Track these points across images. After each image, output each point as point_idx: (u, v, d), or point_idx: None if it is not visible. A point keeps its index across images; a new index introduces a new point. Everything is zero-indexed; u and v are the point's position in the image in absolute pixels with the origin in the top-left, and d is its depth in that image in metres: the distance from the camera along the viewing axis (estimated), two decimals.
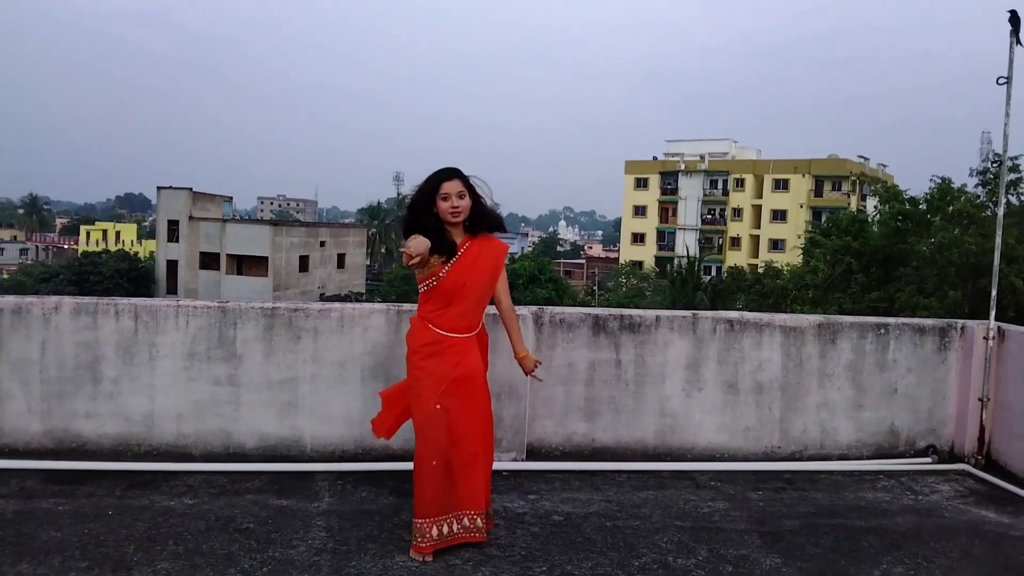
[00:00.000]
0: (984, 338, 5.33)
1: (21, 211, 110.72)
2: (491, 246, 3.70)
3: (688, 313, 5.30)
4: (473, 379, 3.61)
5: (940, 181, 24.24)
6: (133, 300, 4.90)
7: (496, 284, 3.72)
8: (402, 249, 3.52)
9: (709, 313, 5.39)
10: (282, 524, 3.84)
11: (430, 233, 3.50)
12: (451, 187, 3.56)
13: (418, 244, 3.37)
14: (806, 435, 5.32)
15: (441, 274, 3.57)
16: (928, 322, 5.55)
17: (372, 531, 3.80)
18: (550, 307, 5.24)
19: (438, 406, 3.50)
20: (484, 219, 3.68)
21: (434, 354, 3.56)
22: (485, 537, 3.62)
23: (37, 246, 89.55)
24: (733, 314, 5.41)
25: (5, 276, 64.47)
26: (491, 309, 3.90)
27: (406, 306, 4.99)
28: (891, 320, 5.51)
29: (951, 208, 23.21)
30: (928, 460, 5.35)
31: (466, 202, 3.58)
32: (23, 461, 4.57)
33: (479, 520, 3.58)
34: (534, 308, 5.12)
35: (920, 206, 24.50)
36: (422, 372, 3.56)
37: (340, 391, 4.90)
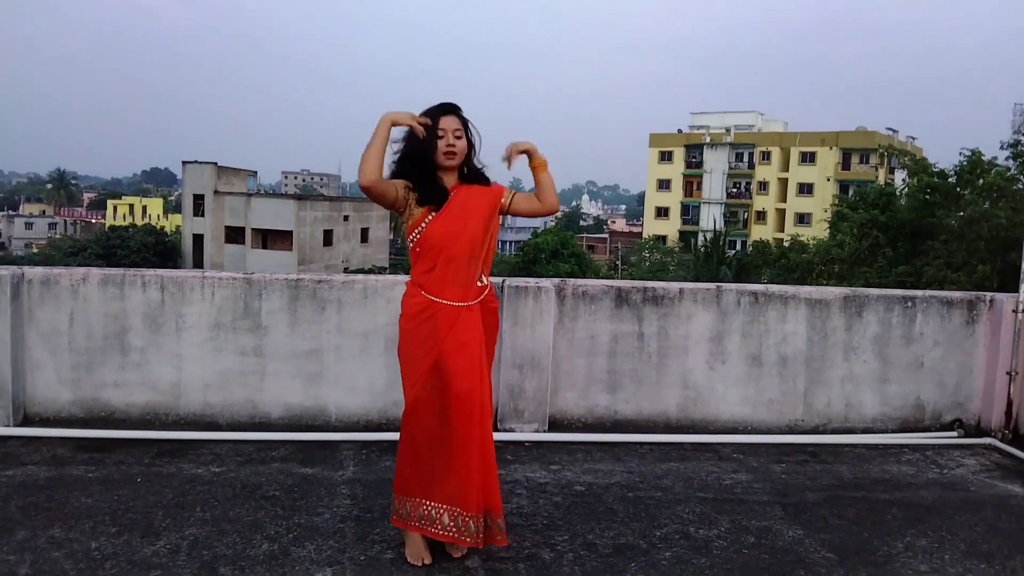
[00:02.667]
0: (1013, 311, 5.25)
1: (49, 186, 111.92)
2: (481, 190, 3.20)
3: (712, 286, 5.27)
4: (468, 357, 3.07)
5: (971, 154, 23.84)
6: (159, 271, 4.96)
7: (492, 224, 3.20)
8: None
9: (733, 286, 5.35)
10: (307, 492, 3.89)
11: (426, 182, 3.11)
12: (448, 123, 3.10)
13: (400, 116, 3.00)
14: (830, 408, 5.29)
15: (424, 223, 3.12)
16: (956, 295, 5.48)
17: None
18: (572, 279, 5.23)
19: (428, 387, 3.08)
20: (477, 174, 3.24)
21: (424, 323, 3.10)
22: (477, 543, 3.09)
23: (65, 220, 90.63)
24: (758, 287, 5.37)
25: (35, 250, 65.40)
26: (512, 282, 3.87)
27: None
28: (918, 293, 5.45)
29: (981, 181, 22.83)
30: (954, 434, 5.31)
31: (463, 143, 3.12)
32: (54, 429, 4.66)
33: (471, 522, 3.06)
34: (556, 280, 5.11)
35: (949, 179, 24.13)
36: (411, 347, 3.12)
37: (364, 362, 4.94)
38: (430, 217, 3.12)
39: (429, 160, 3.11)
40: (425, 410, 3.10)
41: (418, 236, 3.14)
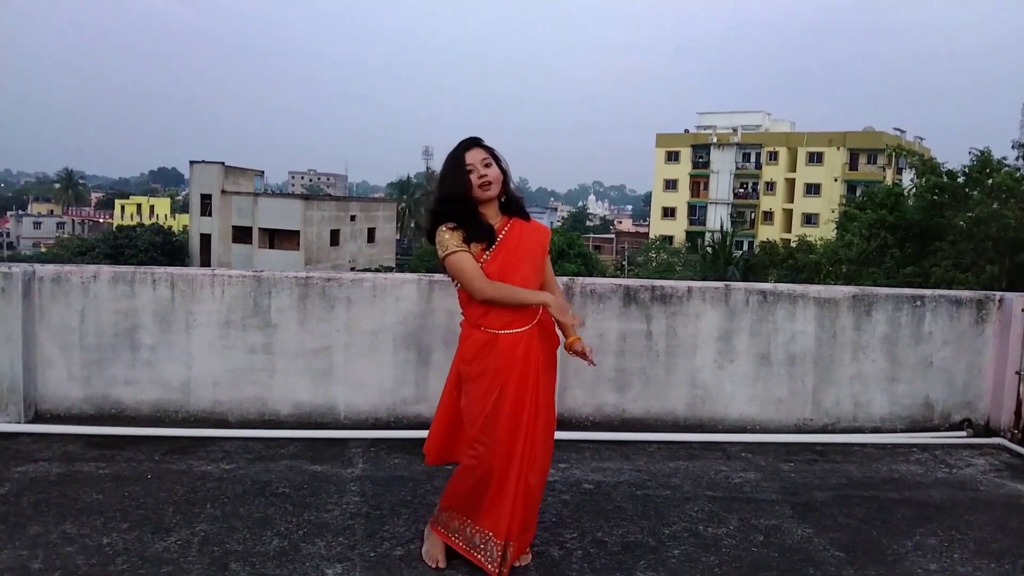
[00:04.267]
0: (1023, 311, 5.23)
1: (57, 186, 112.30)
2: (533, 228, 3.14)
3: (721, 284, 5.27)
4: (523, 385, 3.02)
5: (980, 153, 23.74)
6: (169, 269, 4.98)
7: (545, 263, 3.19)
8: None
9: (742, 284, 5.35)
10: (317, 489, 3.90)
11: (463, 218, 3.02)
12: (474, 156, 3.02)
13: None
14: (839, 407, 5.28)
15: (480, 263, 3.01)
16: (965, 294, 5.47)
17: (405, 496, 3.85)
18: (581, 278, 5.24)
19: (489, 418, 3.01)
20: (515, 201, 3.15)
21: (489, 355, 3.02)
22: (496, 572, 3.04)
23: (73, 220, 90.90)
24: (766, 285, 5.36)
25: (43, 250, 65.64)
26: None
27: (437, 276, 5.00)
28: (927, 292, 5.44)
29: (990, 181, 22.73)
30: (963, 434, 5.30)
31: (495, 171, 3.03)
32: (64, 426, 4.68)
33: (494, 548, 3.03)
34: (565, 279, 5.11)
35: (958, 179, 24.03)
36: (474, 376, 3.05)
37: (373, 360, 4.95)
38: (485, 256, 3.02)
39: (467, 197, 3.02)
40: (488, 434, 3.02)
41: None
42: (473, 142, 3.08)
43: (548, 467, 3.20)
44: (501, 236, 3.06)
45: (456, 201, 3.03)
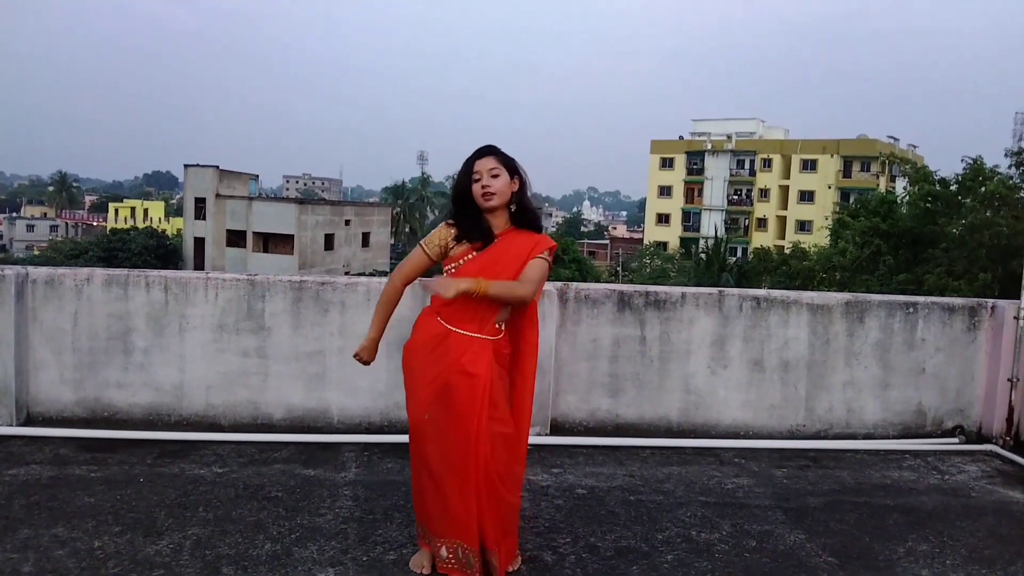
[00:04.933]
0: (1015, 318, 5.26)
1: (51, 189, 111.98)
2: (524, 239, 3.12)
3: (714, 290, 5.28)
4: (471, 386, 2.97)
5: (972, 161, 23.86)
6: (163, 272, 4.98)
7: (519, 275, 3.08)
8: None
9: (736, 290, 5.37)
10: (310, 493, 3.90)
11: (469, 219, 3.09)
12: (483, 165, 3.06)
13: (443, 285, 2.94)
14: (831, 413, 5.30)
15: (462, 260, 3.07)
16: (958, 301, 5.49)
17: (398, 501, 3.84)
18: (575, 283, 5.24)
19: (427, 416, 3.03)
20: (526, 212, 3.15)
21: (434, 349, 3.04)
22: None
23: (67, 223, 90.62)
24: (760, 292, 5.38)
25: (36, 252, 65.42)
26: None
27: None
28: (920, 299, 5.46)
29: (983, 189, 22.84)
30: (955, 440, 5.31)
31: (501, 182, 3.05)
32: (56, 429, 4.67)
33: (471, 556, 3.00)
34: (559, 284, 5.12)
35: (951, 187, 24.14)
36: (416, 371, 3.09)
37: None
38: (471, 255, 3.07)
39: (472, 204, 3.10)
40: (425, 437, 3.05)
41: (453, 269, 3.08)
42: (487, 151, 3.11)
43: (515, 471, 3.13)
44: (493, 243, 3.08)
45: (461, 204, 3.12)
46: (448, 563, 3.04)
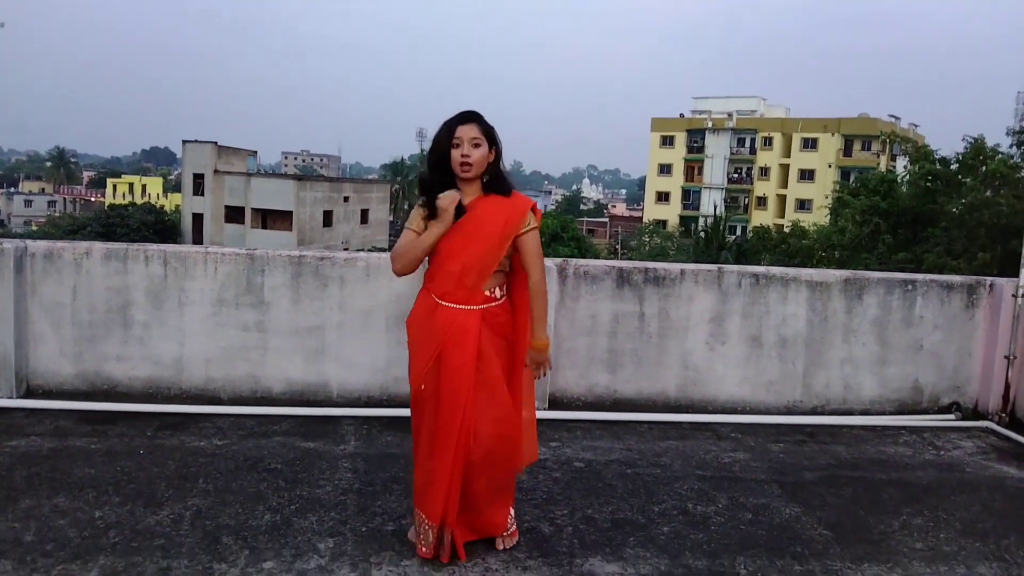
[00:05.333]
0: (1013, 296, 5.27)
1: (49, 164, 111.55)
2: (497, 206, 3.02)
3: (713, 267, 5.29)
4: (461, 361, 2.97)
5: (973, 141, 23.78)
6: (162, 246, 4.99)
7: (504, 249, 3.01)
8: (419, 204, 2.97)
9: (734, 267, 5.38)
10: (309, 465, 3.92)
11: (440, 188, 2.99)
12: (465, 132, 2.95)
13: (445, 199, 2.94)
14: (829, 390, 5.32)
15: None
16: (956, 279, 5.50)
17: (397, 473, 3.87)
18: (574, 259, 5.24)
19: (423, 386, 3.04)
20: (499, 182, 3.06)
21: (427, 321, 3.04)
22: (429, 554, 3.03)
23: (65, 199, 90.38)
24: (759, 269, 5.39)
25: (34, 228, 65.31)
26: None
27: None
28: (919, 276, 5.47)
29: (984, 168, 22.78)
30: (951, 417, 5.34)
31: (480, 153, 2.96)
32: (56, 402, 4.69)
33: (430, 531, 3.02)
34: (559, 260, 5.12)
35: (951, 166, 24.08)
36: (414, 342, 3.09)
37: (365, 339, 4.96)
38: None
39: (447, 169, 3.00)
40: (420, 408, 3.08)
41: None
42: (470, 117, 3.01)
43: (504, 455, 3.08)
44: (464, 215, 3.00)
45: (439, 171, 3.01)
46: (419, 532, 3.07)
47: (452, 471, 2.97)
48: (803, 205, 62.60)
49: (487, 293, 3.05)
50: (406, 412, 4.75)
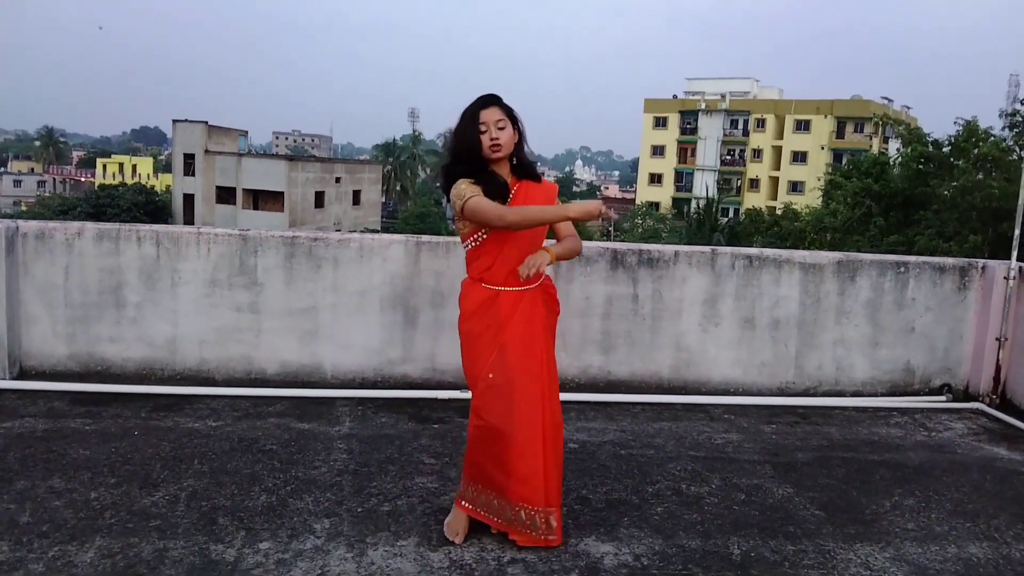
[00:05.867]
0: (1005, 278, 5.30)
1: (37, 143, 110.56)
2: (541, 189, 3.10)
3: (707, 249, 5.30)
4: (529, 343, 3.01)
5: (966, 123, 23.78)
6: (155, 227, 4.96)
7: (547, 231, 3.13)
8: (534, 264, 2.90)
9: (728, 249, 5.38)
10: (304, 446, 3.93)
11: (477, 176, 2.99)
12: (489, 116, 2.97)
13: (539, 259, 2.91)
14: (821, 371, 5.35)
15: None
16: (948, 261, 5.52)
17: (392, 454, 3.88)
18: None
19: (491, 375, 3.00)
20: (527, 166, 3.11)
21: (487, 312, 3.02)
22: (539, 541, 3.01)
23: (54, 179, 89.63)
24: (752, 250, 5.40)
25: (23, 208, 64.88)
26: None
27: (424, 238, 5.01)
28: (911, 258, 5.49)
29: (976, 151, 22.79)
30: (943, 398, 5.38)
31: (507, 134, 2.98)
32: (50, 383, 4.68)
33: (537, 517, 2.99)
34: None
35: (944, 149, 24.09)
36: (474, 335, 3.05)
37: (360, 320, 4.95)
38: None
39: (478, 156, 2.99)
40: (490, 399, 3.01)
41: (484, 236, 3.01)
42: (491, 100, 3.02)
43: (558, 434, 3.12)
44: (512, 194, 3.03)
45: (467, 159, 3.00)
46: (519, 524, 3.01)
47: (543, 450, 2.98)
48: (795, 187, 62.62)
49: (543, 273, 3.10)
50: (400, 394, 4.80)
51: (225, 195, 47.90)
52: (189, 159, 48.82)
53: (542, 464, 2.98)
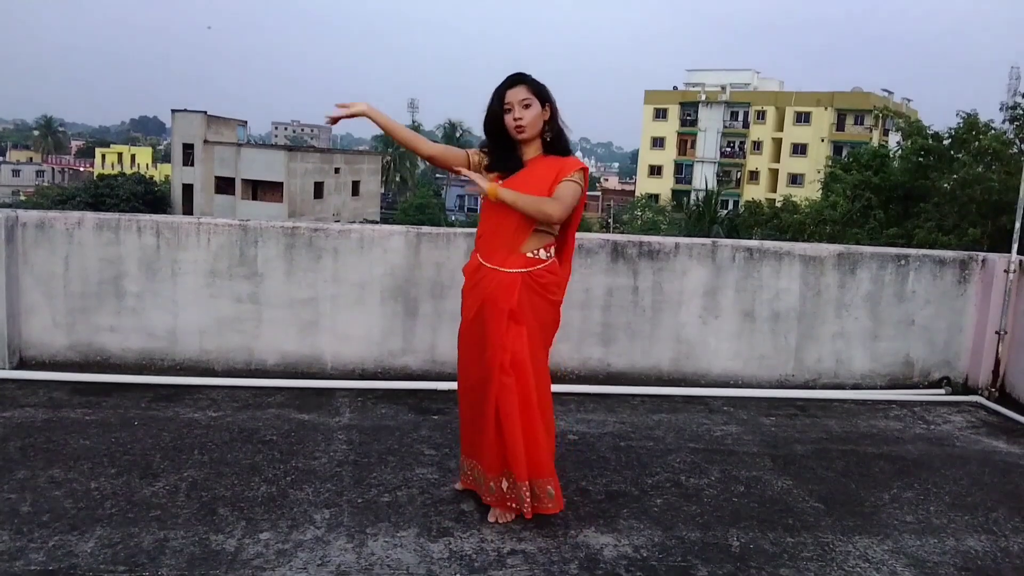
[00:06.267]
0: (1005, 271, 5.29)
1: (36, 133, 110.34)
2: (550, 162, 3.09)
3: (708, 241, 5.29)
4: (493, 317, 3.03)
5: (967, 116, 23.73)
6: (155, 217, 4.96)
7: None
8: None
9: (729, 241, 5.39)
10: (304, 437, 3.93)
11: (502, 151, 3.11)
12: (514, 95, 3.03)
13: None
14: (821, 364, 5.35)
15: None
16: (949, 254, 5.52)
17: (392, 445, 3.89)
18: None
19: (467, 338, 3.20)
20: (559, 142, 3.14)
21: (473, 281, 3.15)
22: (521, 510, 3.07)
23: (53, 168, 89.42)
24: (753, 243, 5.40)
25: (22, 198, 64.77)
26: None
27: (425, 229, 5.01)
28: (912, 251, 5.49)
29: (977, 143, 22.75)
30: (942, 391, 5.39)
31: (532, 113, 3.03)
32: (49, 373, 4.68)
33: (493, 483, 3.12)
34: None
35: (944, 142, 24.05)
36: (463, 300, 3.22)
37: (360, 311, 4.95)
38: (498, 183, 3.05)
39: (503, 136, 3.10)
40: (464, 362, 3.22)
41: (481, 199, 3.14)
42: (518, 79, 3.08)
43: (550, 415, 3.24)
44: (518, 172, 3.10)
45: (495, 135, 3.12)
46: (495, 495, 3.15)
47: (523, 423, 3.04)
48: (795, 179, 62.58)
49: (529, 255, 3.09)
50: (401, 385, 4.81)
51: (224, 185, 47.85)
52: (188, 149, 48.74)
53: (494, 435, 3.07)
